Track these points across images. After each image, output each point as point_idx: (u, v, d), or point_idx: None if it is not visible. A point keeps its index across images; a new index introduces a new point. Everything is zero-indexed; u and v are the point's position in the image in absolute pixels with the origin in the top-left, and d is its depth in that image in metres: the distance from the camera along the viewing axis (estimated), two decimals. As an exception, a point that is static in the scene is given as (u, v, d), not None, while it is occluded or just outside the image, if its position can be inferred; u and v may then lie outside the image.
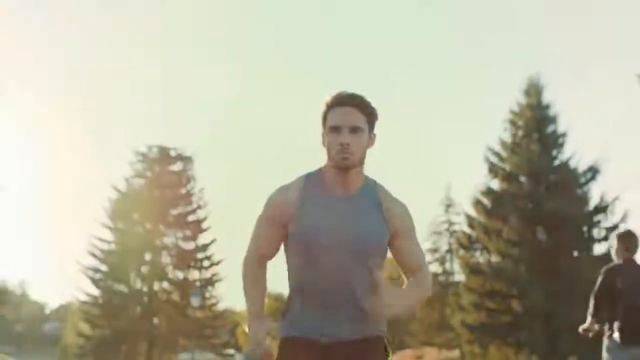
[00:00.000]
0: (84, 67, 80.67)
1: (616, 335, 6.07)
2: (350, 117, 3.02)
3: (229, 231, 75.68)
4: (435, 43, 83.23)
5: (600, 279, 6.28)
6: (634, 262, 6.30)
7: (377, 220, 3.08)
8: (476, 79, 76.28)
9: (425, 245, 38.65)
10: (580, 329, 6.41)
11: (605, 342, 6.22)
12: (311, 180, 3.13)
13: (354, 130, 3.02)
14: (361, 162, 3.08)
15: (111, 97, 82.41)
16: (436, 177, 73.97)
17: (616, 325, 6.07)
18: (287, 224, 3.09)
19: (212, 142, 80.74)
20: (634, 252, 6.35)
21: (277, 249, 3.20)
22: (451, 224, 42.27)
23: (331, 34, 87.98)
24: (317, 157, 3.20)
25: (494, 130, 35.30)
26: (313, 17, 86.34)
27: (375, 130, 3.15)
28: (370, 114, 3.08)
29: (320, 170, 3.15)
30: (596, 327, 6.23)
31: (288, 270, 3.17)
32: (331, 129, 3.04)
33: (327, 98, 3.12)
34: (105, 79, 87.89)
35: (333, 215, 3.05)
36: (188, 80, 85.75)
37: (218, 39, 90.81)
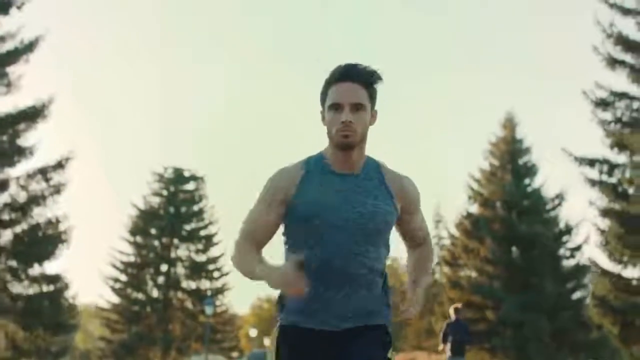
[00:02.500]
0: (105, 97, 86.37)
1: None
2: (352, 93, 2.93)
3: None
4: (433, 56, 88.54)
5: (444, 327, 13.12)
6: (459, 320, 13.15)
7: (384, 197, 3.01)
8: (472, 97, 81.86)
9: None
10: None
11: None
12: (312, 161, 3.05)
13: (356, 107, 2.93)
14: (363, 141, 2.99)
15: (131, 122, 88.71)
16: (427, 193, 79.24)
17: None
18: (286, 204, 3.00)
19: (223, 163, 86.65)
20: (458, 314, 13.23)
21: (272, 235, 3.08)
22: (440, 238, 47.74)
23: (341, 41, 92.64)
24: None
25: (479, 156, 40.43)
26: (312, 22, 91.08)
27: (377, 107, 3.04)
28: (373, 89, 2.99)
29: (321, 152, 3.07)
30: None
31: (286, 252, 3.09)
32: (331, 107, 2.95)
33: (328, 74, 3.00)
34: (126, 107, 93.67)
35: (337, 193, 2.97)
36: (203, 110, 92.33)
37: (240, 66, 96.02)
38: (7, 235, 20.84)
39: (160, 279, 43.10)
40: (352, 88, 2.94)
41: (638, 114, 19.84)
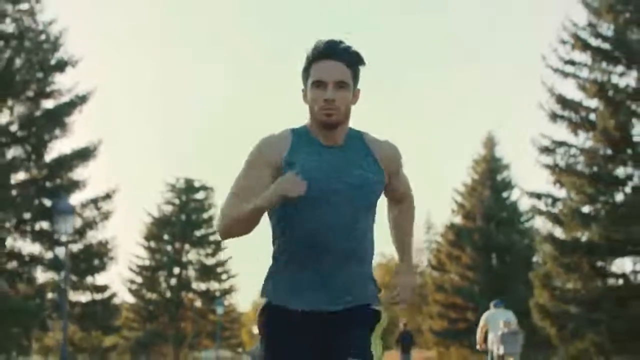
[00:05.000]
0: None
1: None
2: (335, 71, 2.96)
3: (243, 249, 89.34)
4: (432, 56, 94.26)
5: (398, 335, 19.35)
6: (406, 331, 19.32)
7: (371, 166, 3.06)
8: (469, 99, 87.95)
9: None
10: None
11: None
12: (298, 130, 3.08)
13: (339, 85, 2.96)
14: (346, 118, 3.03)
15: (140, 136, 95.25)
16: (419, 200, 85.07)
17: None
18: (275, 170, 3.01)
19: (231, 173, 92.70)
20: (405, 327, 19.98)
21: None
22: (430, 242, 53.82)
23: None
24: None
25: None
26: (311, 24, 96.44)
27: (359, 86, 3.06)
28: (356, 67, 3.03)
29: (305, 125, 3.10)
30: None
31: (273, 228, 3.09)
32: (314, 84, 2.97)
33: (309, 49, 3.03)
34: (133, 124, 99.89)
35: (325, 165, 3.00)
36: (210, 124, 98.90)
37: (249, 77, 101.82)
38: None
39: (173, 281, 48.07)
40: (335, 66, 2.96)
41: (574, 158, 25.85)
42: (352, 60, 3.02)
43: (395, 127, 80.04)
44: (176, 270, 48.31)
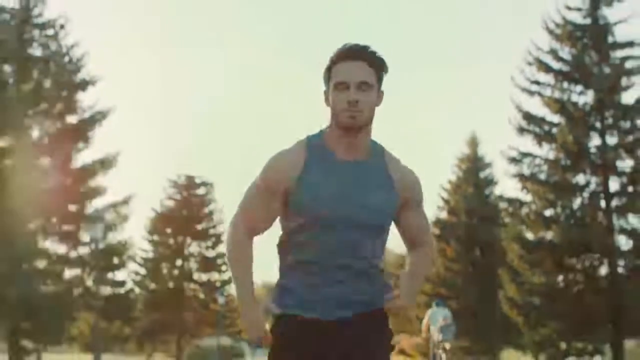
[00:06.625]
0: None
1: None
2: (359, 72, 2.95)
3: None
4: (431, 58, 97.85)
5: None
6: None
7: (388, 191, 3.03)
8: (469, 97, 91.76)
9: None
10: None
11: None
12: (314, 143, 3.04)
13: (363, 86, 2.95)
14: (369, 123, 3.00)
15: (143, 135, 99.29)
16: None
17: None
18: (287, 192, 3.01)
19: (230, 170, 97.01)
20: None
21: (271, 223, 3.12)
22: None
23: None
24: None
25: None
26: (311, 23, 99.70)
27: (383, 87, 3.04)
28: (380, 68, 3.02)
29: (322, 132, 3.06)
30: None
31: (283, 243, 3.13)
32: (337, 86, 2.96)
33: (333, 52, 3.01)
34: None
35: (339, 184, 2.98)
36: (211, 124, 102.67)
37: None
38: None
39: (175, 272, 50.98)
40: (359, 66, 2.95)
41: (538, 168, 30.06)
42: (376, 61, 3.01)
43: (383, 128, 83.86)
44: (178, 262, 51.17)
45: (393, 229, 3.24)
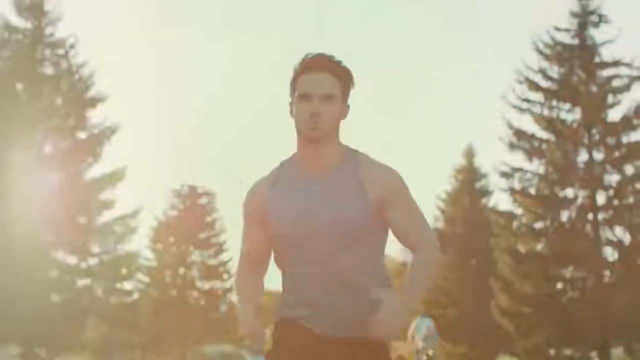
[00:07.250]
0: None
1: None
2: (323, 83, 2.95)
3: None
4: (431, 58, 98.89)
5: None
6: None
7: (355, 195, 3.00)
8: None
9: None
10: None
11: None
12: (284, 166, 3.10)
13: (326, 98, 2.95)
14: (332, 134, 3.01)
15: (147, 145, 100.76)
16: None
17: None
18: (264, 222, 3.08)
19: (231, 181, 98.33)
20: None
21: (268, 253, 3.19)
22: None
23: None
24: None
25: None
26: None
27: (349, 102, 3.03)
28: (345, 81, 3.01)
29: (293, 155, 3.11)
30: None
31: (275, 259, 3.19)
32: (300, 97, 2.96)
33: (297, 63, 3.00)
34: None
35: (304, 201, 3.00)
36: (212, 135, 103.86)
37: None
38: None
39: (178, 281, 52.17)
40: (323, 78, 2.94)
41: (528, 182, 31.69)
42: (340, 73, 3.00)
43: (381, 139, 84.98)
44: (181, 270, 52.28)
45: (391, 236, 3.21)
